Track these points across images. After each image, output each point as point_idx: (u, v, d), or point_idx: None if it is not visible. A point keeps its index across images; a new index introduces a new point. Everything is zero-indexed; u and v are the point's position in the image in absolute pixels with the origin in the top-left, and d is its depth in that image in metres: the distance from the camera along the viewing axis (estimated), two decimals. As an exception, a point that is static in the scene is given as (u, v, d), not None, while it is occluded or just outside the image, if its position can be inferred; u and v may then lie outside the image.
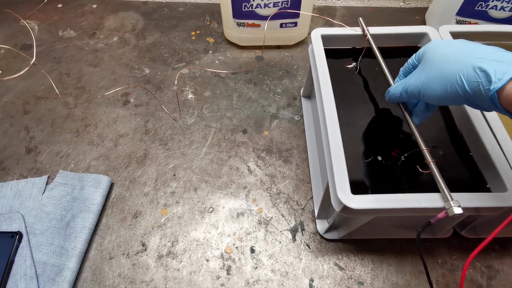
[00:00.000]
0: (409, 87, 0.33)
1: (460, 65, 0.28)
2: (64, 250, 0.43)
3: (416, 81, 0.32)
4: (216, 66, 0.67)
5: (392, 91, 0.37)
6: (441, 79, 0.29)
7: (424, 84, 0.31)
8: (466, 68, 0.27)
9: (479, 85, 0.26)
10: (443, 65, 0.29)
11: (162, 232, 0.47)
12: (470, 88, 0.27)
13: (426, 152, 0.34)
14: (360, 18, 0.48)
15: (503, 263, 0.44)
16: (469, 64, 0.27)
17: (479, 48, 0.28)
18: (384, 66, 0.42)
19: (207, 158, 0.54)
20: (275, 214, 0.48)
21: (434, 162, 0.34)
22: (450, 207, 0.31)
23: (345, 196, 0.33)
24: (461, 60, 0.28)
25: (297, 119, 0.59)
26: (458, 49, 0.29)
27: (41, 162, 0.54)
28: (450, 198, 0.31)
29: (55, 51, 0.70)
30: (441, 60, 0.30)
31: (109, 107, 0.61)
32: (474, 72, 0.26)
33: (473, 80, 0.27)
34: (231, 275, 0.43)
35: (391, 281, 0.43)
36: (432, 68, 0.30)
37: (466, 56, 0.28)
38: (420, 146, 0.35)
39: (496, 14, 0.61)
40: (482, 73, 0.26)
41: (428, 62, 0.31)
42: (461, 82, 0.27)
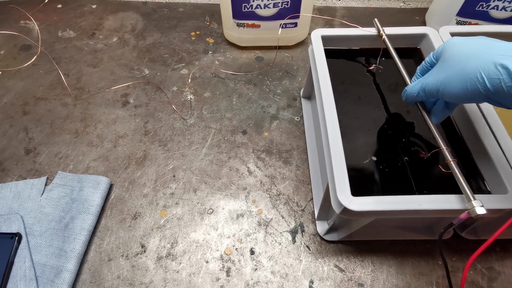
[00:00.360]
0: (427, 85, 0.33)
1: (481, 62, 0.27)
2: (63, 252, 0.43)
3: (434, 79, 0.32)
4: (216, 67, 0.67)
5: (410, 91, 0.36)
6: (461, 77, 0.29)
7: (443, 83, 0.31)
8: (487, 65, 0.26)
9: (501, 82, 0.26)
10: (463, 62, 0.29)
11: (161, 234, 0.46)
12: (492, 85, 0.26)
13: (446, 151, 0.34)
14: (376, 19, 0.47)
15: (504, 264, 0.43)
16: (490, 60, 0.26)
17: (500, 44, 0.28)
18: (400, 65, 0.41)
19: (207, 159, 0.54)
20: (275, 215, 0.48)
21: (454, 162, 0.33)
22: (472, 208, 0.30)
23: (345, 198, 0.33)
24: (481, 57, 0.27)
25: (297, 120, 0.59)
26: (479, 46, 0.29)
27: (40, 163, 0.53)
28: (472, 198, 0.30)
29: (55, 51, 0.70)
30: (461, 57, 0.29)
31: (108, 107, 0.60)
32: (496, 69, 0.26)
33: (495, 77, 0.26)
34: (230, 276, 0.43)
35: (391, 282, 0.43)
36: (452, 66, 0.30)
37: (486, 53, 0.27)
38: (440, 145, 0.34)
39: (497, 14, 0.61)
40: (504, 70, 0.25)
41: (447, 60, 0.31)
42: (482, 80, 0.27)
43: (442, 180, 0.37)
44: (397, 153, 0.39)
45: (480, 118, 0.39)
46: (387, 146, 0.40)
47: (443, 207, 0.32)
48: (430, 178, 0.37)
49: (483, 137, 0.37)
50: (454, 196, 0.33)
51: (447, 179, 0.37)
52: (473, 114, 0.39)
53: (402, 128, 0.42)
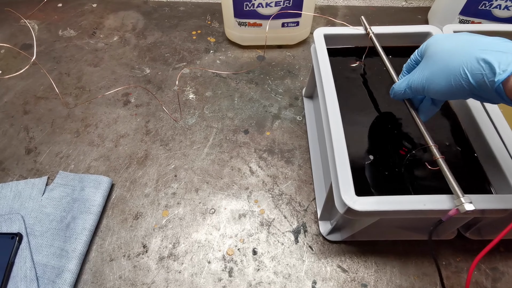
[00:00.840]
0: (413, 83, 0.33)
1: (464, 58, 0.27)
2: (64, 252, 0.43)
3: (419, 76, 0.32)
4: (217, 66, 0.67)
5: (397, 88, 0.36)
6: (445, 73, 0.29)
7: (428, 79, 0.31)
8: (470, 61, 0.27)
9: (484, 77, 0.26)
10: (446, 58, 0.29)
11: (163, 234, 0.46)
12: (475, 81, 0.26)
13: (434, 148, 0.34)
14: (362, 17, 0.47)
15: (508, 265, 0.43)
16: (473, 56, 0.26)
17: (482, 39, 0.28)
18: (387, 63, 0.41)
19: (209, 158, 0.53)
20: (277, 215, 0.48)
21: (442, 159, 0.33)
22: (461, 204, 0.30)
23: (349, 198, 0.32)
24: (464, 52, 0.27)
25: (299, 119, 0.58)
26: (461, 42, 0.29)
27: (41, 162, 0.53)
28: (461, 194, 0.31)
29: (55, 50, 0.69)
30: (444, 53, 0.29)
31: (109, 107, 0.60)
32: (478, 64, 0.26)
33: (477, 72, 0.26)
34: (233, 277, 0.43)
35: (394, 283, 0.42)
36: (435, 63, 0.30)
37: (469, 48, 0.27)
38: (428, 142, 0.34)
39: (500, 13, 0.61)
40: (486, 65, 0.25)
41: (431, 57, 0.31)
42: (465, 75, 0.27)
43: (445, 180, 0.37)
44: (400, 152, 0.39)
45: (485, 118, 0.38)
46: (391, 145, 0.40)
47: (448, 207, 0.32)
48: (434, 178, 0.37)
49: (488, 137, 0.37)
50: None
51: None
52: (478, 114, 0.39)
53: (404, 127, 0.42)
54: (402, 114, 0.43)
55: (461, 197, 0.30)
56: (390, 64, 0.41)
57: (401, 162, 0.38)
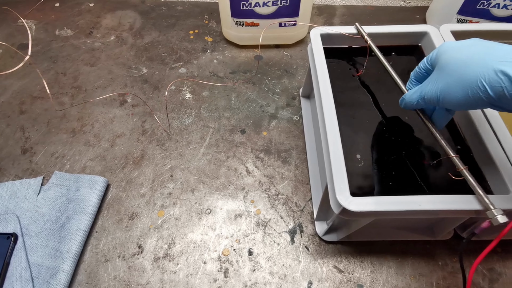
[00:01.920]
0: (427, 94, 0.32)
1: (480, 69, 0.26)
2: (58, 253, 0.43)
3: (433, 88, 0.31)
4: (215, 66, 0.66)
5: (408, 99, 0.35)
6: (461, 85, 0.27)
7: (443, 91, 0.29)
8: (488, 72, 0.25)
9: (504, 89, 0.25)
10: (461, 69, 0.28)
11: (158, 234, 0.46)
12: (494, 93, 0.25)
13: (456, 159, 0.33)
14: (357, 24, 0.46)
15: (506, 266, 0.43)
16: (490, 67, 0.25)
17: (499, 48, 0.27)
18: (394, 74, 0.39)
19: (205, 158, 0.53)
20: (273, 215, 0.48)
21: (466, 169, 0.32)
22: (494, 217, 0.29)
23: (344, 199, 0.32)
24: (480, 63, 0.26)
25: (296, 119, 0.58)
26: (476, 50, 0.28)
27: (37, 162, 0.53)
28: (492, 206, 0.30)
29: (52, 50, 0.69)
30: (459, 64, 0.28)
31: (105, 107, 0.60)
32: (497, 77, 0.25)
33: (496, 85, 0.25)
34: (228, 277, 0.43)
35: (391, 283, 0.42)
36: (450, 74, 0.29)
37: (485, 58, 0.26)
38: (449, 153, 0.33)
39: (498, 12, 0.60)
40: (505, 77, 0.24)
41: (445, 67, 0.29)
42: (483, 88, 0.26)
43: (442, 180, 0.36)
44: (396, 153, 0.39)
45: (481, 118, 0.38)
46: (386, 145, 0.39)
47: (444, 208, 0.32)
48: (430, 177, 0.37)
49: (484, 136, 0.37)
50: (455, 196, 0.32)
51: (448, 179, 0.36)
52: (475, 113, 0.39)
53: (401, 127, 0.41)
54: (399, 114, 0.43)
55: (493, 210, 0.29)
56: (396, 73, 0.40)
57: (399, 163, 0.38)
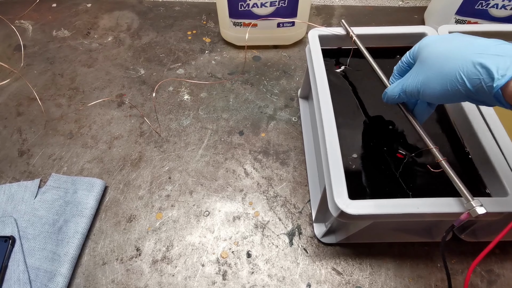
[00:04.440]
0: (408, 87, 0.32)
1: (459, 62, 0.26)
2: (56, 256, 0.43)
3: (414, 81, 0.31)
4: (213, 66, 0.66)
5: (390, 93, 0.35)
6: (441, 78, 0.28)
7: (423, 84, 0.30)
8: (466, 65, 0.26)
9: (481, 82, 0.25)
10: (441, 62, 0.28)
11: (157, 237, 0.46)
12: (472, 86, 0.26)
13: (435, 150, 0.33)
14: (343, 20, 0.46)
15: (504, 267, 0.43)
16: (469, 60, 0.26)
17: (478, 42, 0.27)
18: (376, 67, 0.40)
19: (203, 160, 0.53)
20: (272, 217, 0.48)
21: (445, 160, 0.32)
22: (472, 208, 0.29)
23: (342, 202, 0.32)
24: (460, 56, 0.27)
25: (295, 120, 0.58)
26: (456, 44, 0.28)
27: (34, 165, 0.53)
28: (471, 198, 0.30)
29: (49, 51, 0.69)
30: (439, 57, 0.29)
31: (103, 108, 0.60)
32: (475, 69, 0.25)
33: (474, 77, 0.25)
34: (227, 280, 0.43)
35: (389, 285, 0.42)
36: (430, 67, 0.29)
37: (464, 51, 0.27)
38: (428, 145, 0.34)
39: (497, 13, 0.60)
40: (483, 70, 0.25)
41: (425, 61, 0.30)
42: (462, 80, 0.26)
43: (440, 183, 0.36)
44: (394, 155, 0.39)
45: (479, 120, 0.38)
46: (386, 147, 0.39)
47: (441, 210, 0.32)
48: (428, 180, 0.37)
49: (482, 139, 0.36)
50: (453, 199, 0.32)
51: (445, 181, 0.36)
52: (472, 115, 0.39)
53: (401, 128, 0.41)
54: (397, 115, 0.42)
55: (471, 201, 0.29)
56: (379, 68, 0.40)
57: (395, 165, 0.38)
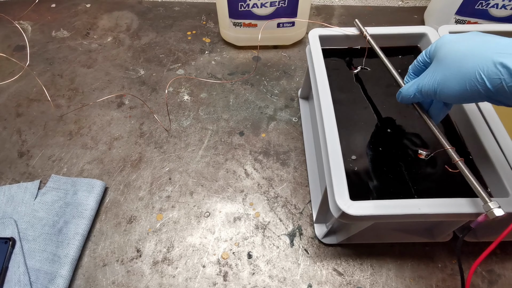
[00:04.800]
0: (424, 87, 0.31)
1: (479, 61, 0.26)
2: (56, 257, 0.42)
3: (431, 80, 0.30)
4: (212, 67, 0.66)
5: (405, 92, 0.35)
6: (459, 77, 0.27)
7: (440, 84, 0.29)
8: (486, 64, 0.25)
9: (502, 82, 0.25)
10: (460, 62, 0.28)
11: (157, 238, 0.46)
12: (492, 86, 0.25)
13: (452, 151, 0.33)
14: (357, 20, 0.46)
15: (505, 267, 0.43)
16: (489, 59, 0.25)
17: (497, 40, 0.27)
18: (391, 67, 0.40)
19: (203, 161, 0.53)
20: (272, 218, 0.47)
21: (462, 161, 0.32)
22: (490, 210, 0.29)
23: (343, 203, 0.32)
24: (479, 55, 0.26)
25: (295, 120, 0.58)
26: (475, 43, 0.27)
27: (33, 166, 0.52)
28: (488, 199, 0.29)
29: (48, 52, 0.69)
30: (457, 56, 0.28)
31: (103, 109, 0.59)
32: (495, 68, 0.25)
33: (495, 77, 0.25)
34: (228, 281, 0.42)
35: (390, 286, 0.42)
36: (448, 66, 0.29)
37: (484, 50, 0.26)
38: (444, 145, 0.33)
39: (497, 12, 0.60)
40: (504, 69, 0.24)
41: (443, 60, 0.29)
42: (482, 80, 0.26)
43: (442, 183, 0.36)
44: (396, 155, 0.39)
45: (480, 120, 0.38)
46: (386, 148, 0.39)
47: (443, 211, 0.32)
48: (430, 181, 0.37)
49: (483, 139, 0.36)
50: (454, 200, 0.32)
51: (447, 182, 0.36)
52: (473, 115, 0.39)
53: (401, 128, 0.41)
54: (399, 115, 0.42)
55: (489, 202, 0.29)
56: (393, 67, 0.40)
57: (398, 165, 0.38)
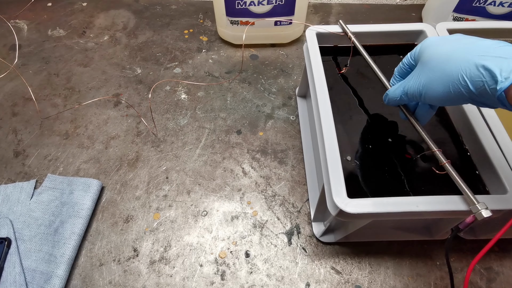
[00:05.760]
0: (409, 89, 0.32)
1: (462, 64, 0.26)
2: (52, 257, 0.42)
3: (416, 83, 0.31)
4: (210, 65, 0.66)
5: (391, 95, 0.35)
6: (443, 80, 0.28)
7: (425, 86, 0.30)
8: (469, 67, 0.25)
9: (484, 84, 0.24)
10: (443, 64, 0.28)
11: (154, 237, 0.45)
12: (475, 88, 0.25)
13: (439, 153, 0.33)
14: (340, 21, 0.46)
15: (503, 265, 0.43)
16: (472, 62, 0.25)
17: (480, 43, 0.27)
18: (376, 68, 0.40)
19: (201, 160, 0.53)
20: (270, 217, 0.47)
21: (449, 163, 0.32)
22: (478, 211, 0.29)
23: (341, 200, 0.32)
24: (462, 58, 0.26)
25: (293, 119, 0.58)
26: (458, 46, 0.28)
27: (29, 165, 0.52)
28: (475, 201, 0.29)
29: (44, 50, 0.68)
30: (441, 59, 0.28)
31: (99, 108, 0.59)
32: (478, 71, 0.25)
33: (477, 79, 0.25)
34: (225, 280, 0.42)
35: (388, 284, 0.42)
36: (432, 69, 0.29)
37: (467, 53, 0.26)
38: (432, 148, 0.33)
39: (494, 10, 0.60)
40: (486, 72, 0.24)
41: (427, 62, 0.30)
42: (465, 82, 0.26)
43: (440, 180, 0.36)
44: (393, 153, 0.38)
45: (478, 117, 0.38)
46: (384, 145, 0.39)
47: (441, 208, 0.32)
48: (427, 178, 0.36)
49: (481, 136, 0.36)
50: (452, 197, 0.32)
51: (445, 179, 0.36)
52: (471, 112, 0.38)
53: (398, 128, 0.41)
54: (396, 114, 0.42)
55: (476, 204, 0.29)
56: (378, 68, 0.39)
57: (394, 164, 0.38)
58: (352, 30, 0.46)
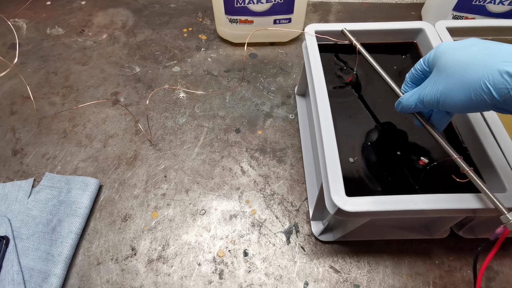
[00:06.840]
0: (425, 97, 0.30)
1: (484, 70, 0.25)
2: (50, 256, 0.42)
3: (433, 90, 0.29)
4: (209, 64, 0.65)
5: (405, 102, 0.33)
6: (463, 87, 0.26)
7: (443, 94, 0.28)
8: (492, 73, 0.25)
9: (510, 91, 0.24)
10: (462, 71, 0.27)
11: (152, 236, 0.45)
12: (499, 95, 0.24)
13: (460, 160, 0.32)
14: (344, 28, 0.45)
15: (503, 264, 0.43)
16: (494, 68, 0.24)
17: (501, 48, 0.26)
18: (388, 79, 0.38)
19: (199, 158, 0.53)
20: (269, 215, 0.47)
21: (472, 170, 0.31)
22: (509, 221, 0.28)
23: (339, 199, 0.32)
24: (483, 64, 0.25)
25: (292, 117, 0.58)
26: (476, 51, 0.27)
27: (27, 164, 0.52)
28: (506, 211, 0.28)
29: (43, 49, 0.68)
30: (459, 65, 0.27)
31: (98, 106, 0.59)
32: (502, 78, 0.24)
33: (502, 86, 0.24)
34: (223, 279, 0.42)
35: (387, 283, 0.42)
36: (450, 76, 0.28)
37: (488, 59, 0.25)
38: (451, 155, 0.32)
39: (494, 8, 0.60)
40: (511, 78, 0.24)
41: (444, 69, 0.28)
42: (488, 90, 0.25)
43: (438, 178, 0.36)
44: (392, 151, 0.38)
45: (477, 115, 0.38)
46: (382, 144, 0.39)
47: (440, 207, 0.32)
48: (426, 176, 0.36)
49: (480, 134, 0.36)
50: (451, 195, 0.32)
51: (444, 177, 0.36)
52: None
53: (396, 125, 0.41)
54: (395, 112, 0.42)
55: (507, 214, 0.28)
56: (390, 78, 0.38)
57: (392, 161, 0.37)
58: (352, 28, 0.46)
